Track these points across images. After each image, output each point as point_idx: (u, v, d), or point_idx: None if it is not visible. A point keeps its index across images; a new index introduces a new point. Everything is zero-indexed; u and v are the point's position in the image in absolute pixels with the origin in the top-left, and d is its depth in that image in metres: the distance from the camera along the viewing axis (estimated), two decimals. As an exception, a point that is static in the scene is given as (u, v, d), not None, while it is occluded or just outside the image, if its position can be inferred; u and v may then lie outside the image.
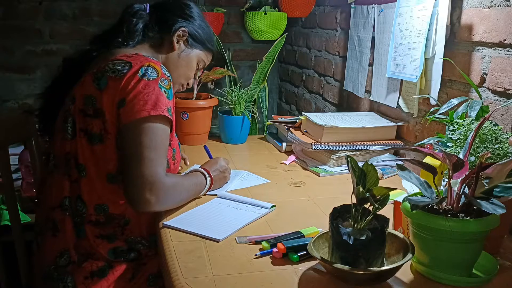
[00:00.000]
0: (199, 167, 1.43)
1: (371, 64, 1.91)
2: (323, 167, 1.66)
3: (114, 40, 1.37)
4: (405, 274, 0.98)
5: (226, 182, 1.48)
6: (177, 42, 1.42)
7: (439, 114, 1.19)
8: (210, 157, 1.61)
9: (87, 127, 1.27)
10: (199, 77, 2.03)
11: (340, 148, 1.64)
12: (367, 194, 0.91)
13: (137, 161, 1.20)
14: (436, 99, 1.42)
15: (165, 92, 1.25)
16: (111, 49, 1.35)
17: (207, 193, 1.41)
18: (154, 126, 1.22)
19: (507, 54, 1.23)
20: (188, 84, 1.53)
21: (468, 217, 0.91)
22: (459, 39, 1.41)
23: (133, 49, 1.37)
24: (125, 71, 1.24)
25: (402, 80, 1.68)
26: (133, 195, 1.21)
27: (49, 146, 1.40)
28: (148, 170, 1.19)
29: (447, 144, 1.09)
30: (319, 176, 1.61)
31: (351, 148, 1.64)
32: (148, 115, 1.21)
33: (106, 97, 1.24)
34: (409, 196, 0.99)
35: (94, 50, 1.38)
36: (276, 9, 2.65)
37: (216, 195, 1.41)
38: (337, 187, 1.52)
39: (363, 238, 0.89)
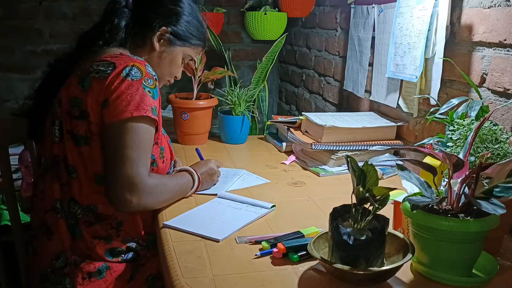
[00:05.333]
0: (188, 167, 1.43)
1: (371, 64, 1.91)
2: (323, 167, 1.66)
3: (96, 41, 1.34)
4: (405, 274, 0.98)
5: (214, 185, 1.47)
6: (158, 42, 1.39)
7: (439, 114, 1.19)
8: (202, 159, 1.60)
9: (73, 129, 1.26)
10: (199, 77, 2.03)
11: (340, 148, 1.64)
12: (367, 194, 0.91)
13: (119, 161, 1.19)
14: (436, 99, 1.42)
15: (149, 92, 1.24)
16: (95, 50, 1.33)
17: (198, 192, 1.40)
18: (137, 126, 1.21)
19: (507, 54, 1.23)
20: (176, 77, 1.50)
21: (468, 217, 0.91)
22: (459, 39, 1.41)
23: (117, 49, 1.34)
24: (108, 71, 1.23)
25: (402, 80, 1.68)
26: (114, 195, 1.20)
27: (40, 149, 1.39)
28: (130, 170, 1.19)
29: (447, 144, 1.09)
30: (319, 176, 1.61)
31: (351, 148, 1.64)
32: (131, 116, 1.20)
33: (91, 98, 1.23)
34: (409, 196, 0.99)
35: (79, 51, 1.36)
36: (276, 9, 2.65)
37: (216, 195, 1.41)
38: (337, 187, 1.52)
39: (363, 238, 0.89)
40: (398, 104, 1.71)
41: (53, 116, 1.30)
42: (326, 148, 1.64)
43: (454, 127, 1.09)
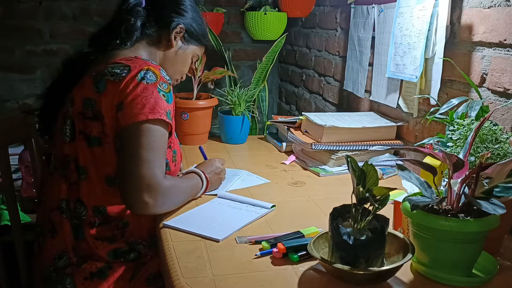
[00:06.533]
0: (194, 168, 1.43)
1: (371, 64, 1.91)
2: (323, 167, 1.66)
3: (112, 41, 1.34)
4: (405, 274, 0.97)
5: (221, 184, 1.47)
6: (175, 39, 1.41)
7: (439, 114, 1.19)
8: (205, 158, 1.61)
9: (86, 130, 1.26)
10: (199, 77, 2.03)
11: (340, 148, 1.64)
12: (367, 194, 0.91)
13: (135, 163, 1.19)
14: (436, 99, 1.42)
15: (164, 96, 1.24)
16: (109, 50, 1.34)
17: (206, 193, 1.41)
18: (152, 128, 1.22)
19: (507, 54, 1.23)
20: (182, 78, 1.53)
21: (468, 217, 0.91)
22: (459, 39, 1.41)
23: (132, 49, 1.35)
24: (124, 74, 1.23)
25: (402, 80, 1.68)
26: (131, 197, 1.20)
27: (50, 147, 1.39)
28: (146, 171, 1.19)
29: (447, 144, 1.09)
30: (319, 176, 1.61)
31: (351, 148, 1.64)
32: (146, 118, 1.20)
33: (105, 100, 1.23)
34: (409, 196, 0.99)
35: (92, 52, 1.36)
36: (276, 9, 2.65)
37: (216, 195, 1.41)
38: (337, 187, 1.52)
39: (363, 238, 0.89)
40: (398, 104, 1.71)
41: (65, 115, 1.31)
42: (326, 148, 1.64)
43: (454, 127, 1.09)
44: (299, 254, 1.03)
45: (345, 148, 1.64)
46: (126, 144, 1.22)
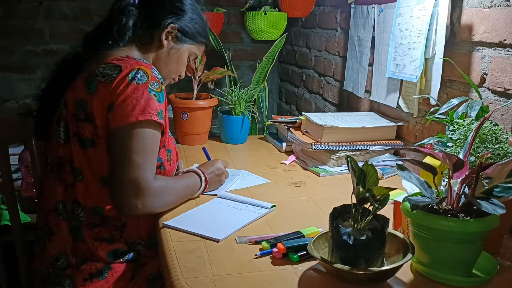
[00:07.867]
0: (196, 168, 1.43)
1: (371, 64, 1.91)
2: (323, 167, 1.66)
3: (104, 41, 1.34)
4: (405, 274, 0.98)
5: (221, 185, 1.47)
6: (166, 39, 1.39)
7: (439, 114, 1.19)
8: (209, 159, 1.61)
9: (79, 131, 1.26)
10: (199, 77, 2.03)
11: (340, 148, 1.64)
12: (367, 194, 0.91)
13: (124, 166, 1.19)
14: (436, 99, 1.42)
15: (155, 96, 1.23)
16: (102, 51, 1.33)
17: (205, 193, 1.41)
18: (143, 131, 1.21)
19: (507, 54, 1.23)
20: (180, 76, 1.51)
21: (468, 217, 0.91)
22: (459, 39, 1.41)
23: (124, 49, 1.35)
24: (114, 75, 1.22)
25: (402, 80, 1.68)
26: (120, 200, 1.21)
27: (47, 148, 1.39)
28: (135, 174, 1.19)
29: (447, 144, 1.09)
30: (319, 176, 1.61)
31: (351, 148, 1.64)
32: (136, 120, 1.19)
33: (96, 101, 1.23)
34: (409, 196, 0.99)
35: (85, 52, 1.36)
36: (276, 9, 2.65)
37: (216, 195, 1.41)
38: (337, 187, 1.52)
39: (363, 238, 0.89)
40: (398, 104, 1.71)
41: (59, 117, 1.30)
42: (326, 148, 1.64)
43: (454, 127, 1.09)
44: (299, 254, 1.03)
45: (345, 148, 1.64)
46: (116, 146, 1.22)
